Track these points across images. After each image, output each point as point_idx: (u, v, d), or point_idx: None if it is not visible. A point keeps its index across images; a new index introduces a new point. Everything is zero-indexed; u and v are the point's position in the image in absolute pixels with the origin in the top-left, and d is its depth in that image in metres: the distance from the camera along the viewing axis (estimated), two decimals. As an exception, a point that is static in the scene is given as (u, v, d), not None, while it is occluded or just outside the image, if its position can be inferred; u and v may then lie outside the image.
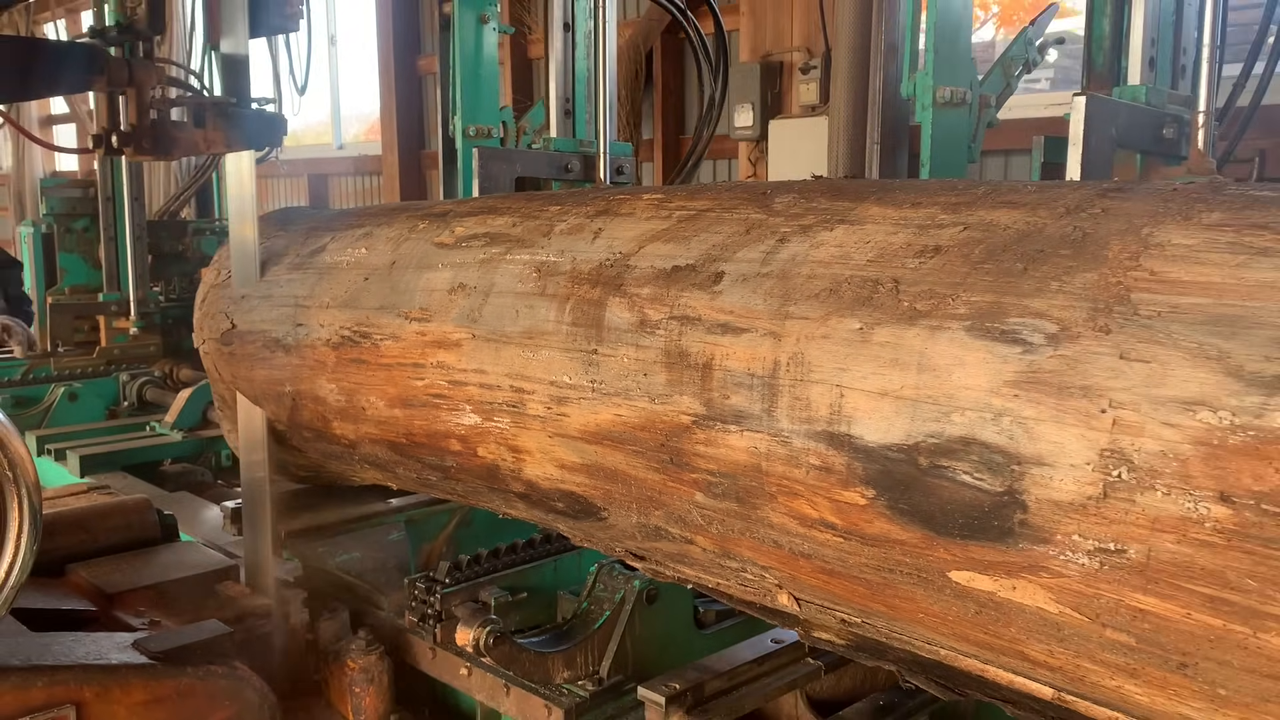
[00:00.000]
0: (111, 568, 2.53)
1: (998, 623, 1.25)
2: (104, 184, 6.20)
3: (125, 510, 2.78)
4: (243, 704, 2.07)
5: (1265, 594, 1.01)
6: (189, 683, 2.00)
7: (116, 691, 1.91)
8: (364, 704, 2.32)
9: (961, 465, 1.21)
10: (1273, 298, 1.06)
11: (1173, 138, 1.91)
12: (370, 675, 2.32)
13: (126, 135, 2.68)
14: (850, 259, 1.41)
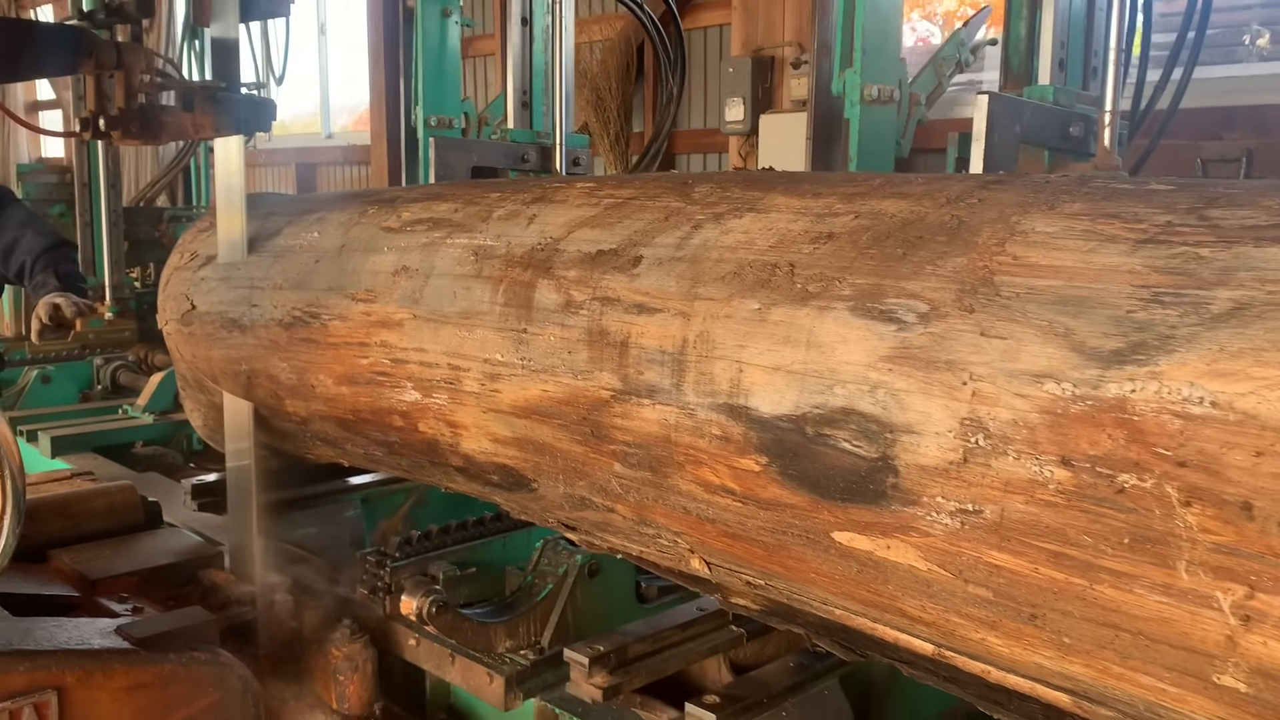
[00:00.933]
0: (94, 553, 2.53)
1: (877, 580, 1.35)
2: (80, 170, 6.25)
3: (109, 496, 2.79)
4: (226, 690, 2.06)
5: (1099, 549, 1.12)
6: (172, 669, 2.00)
7: (99, 677, 1.91)
8: (348, 692, 2.31)
9: (842, 434, 1.31)
10: (1115, 280, 1.17)
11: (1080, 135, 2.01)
12: (354, 663, 2.31)
13: (114, 119, 2.66)
14: (754, 244, 1.51)
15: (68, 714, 1.86)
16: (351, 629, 2.34)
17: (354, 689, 2.30)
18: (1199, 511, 1.04)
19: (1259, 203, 1.16)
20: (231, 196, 2.53)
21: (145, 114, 2.64)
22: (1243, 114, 5.18)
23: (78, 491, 2.78)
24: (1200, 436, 1.04)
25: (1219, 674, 1.07)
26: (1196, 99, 5.35)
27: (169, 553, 2.58)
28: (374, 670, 2.33)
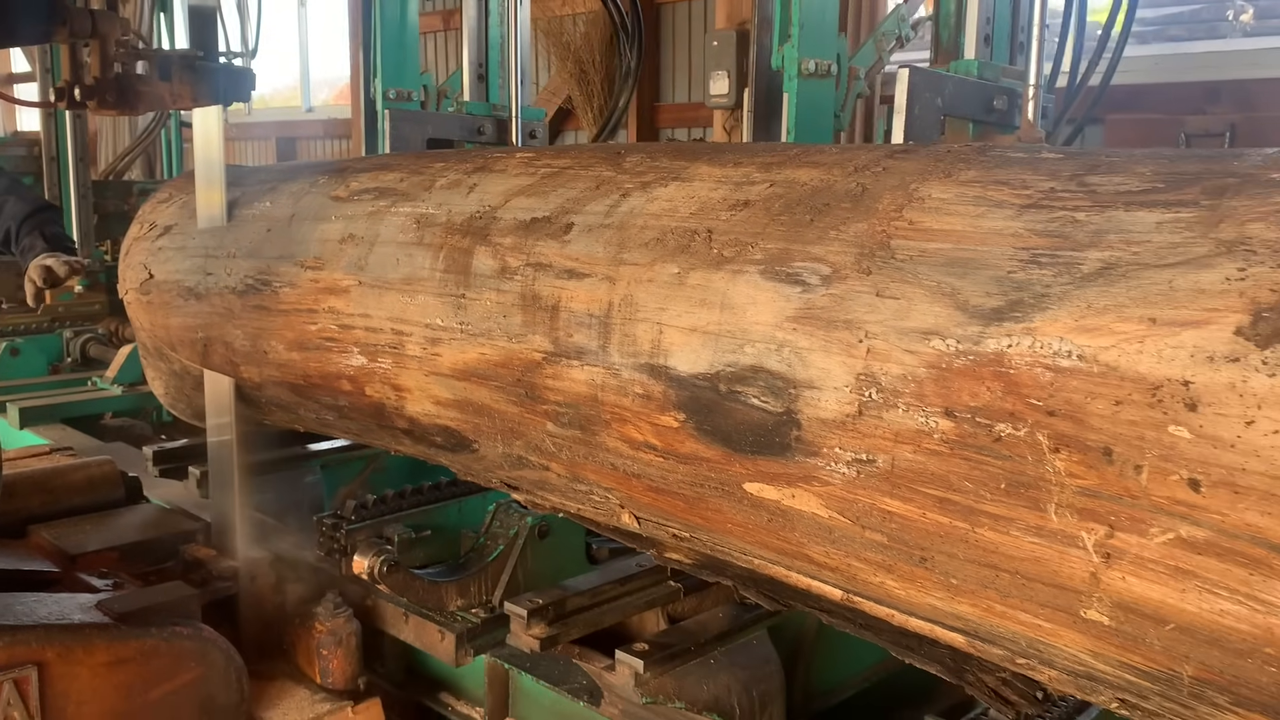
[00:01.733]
0: (74, 529, 2.52)
1: (785, 529, 1.43)
2: (48, 143, 6.26)
3: (89, 471, 2.79)
4: (208, 665, 2.06)
5: (979, 494, 1.20)
6: (153, 643, 1.99)
7: (79, 652, 1.90)
8: (331, 666, 2.29)
9: (751, 390, 1.39)
10: (999, 243, 1.24)
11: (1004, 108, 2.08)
12: (338, 638, 2.30)
13: (90, 89, 2.56)
14: (676, 212, 1.57)
15: (48, 689, 1.86)
16: (335, 603, 2.34)
17: (338, 663, 2.29)
18: (1066, 457, 1.12)
19: (1134, 169, 1.23)
20: (211, 167, 2.50)
21: (121, 84, 2.56)
22: (1227, 88, 5.23)
23: (57, 467, 2.80)
24: (1068, 388, 1.12)
25: (1085, 609, 1.15)
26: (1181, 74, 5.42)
27: (149, 527, 2.58)
28: (358, 644, 2.32)
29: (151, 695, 1.99)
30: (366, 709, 2.28)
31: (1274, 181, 1.11)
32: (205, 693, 2.06)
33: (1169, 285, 1.08)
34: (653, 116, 8.12)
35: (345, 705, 2.25)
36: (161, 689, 2.00)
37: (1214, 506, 1.02)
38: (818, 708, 2.09)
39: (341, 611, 2.31)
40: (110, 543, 2.44)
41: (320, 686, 2.29)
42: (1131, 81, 5.47)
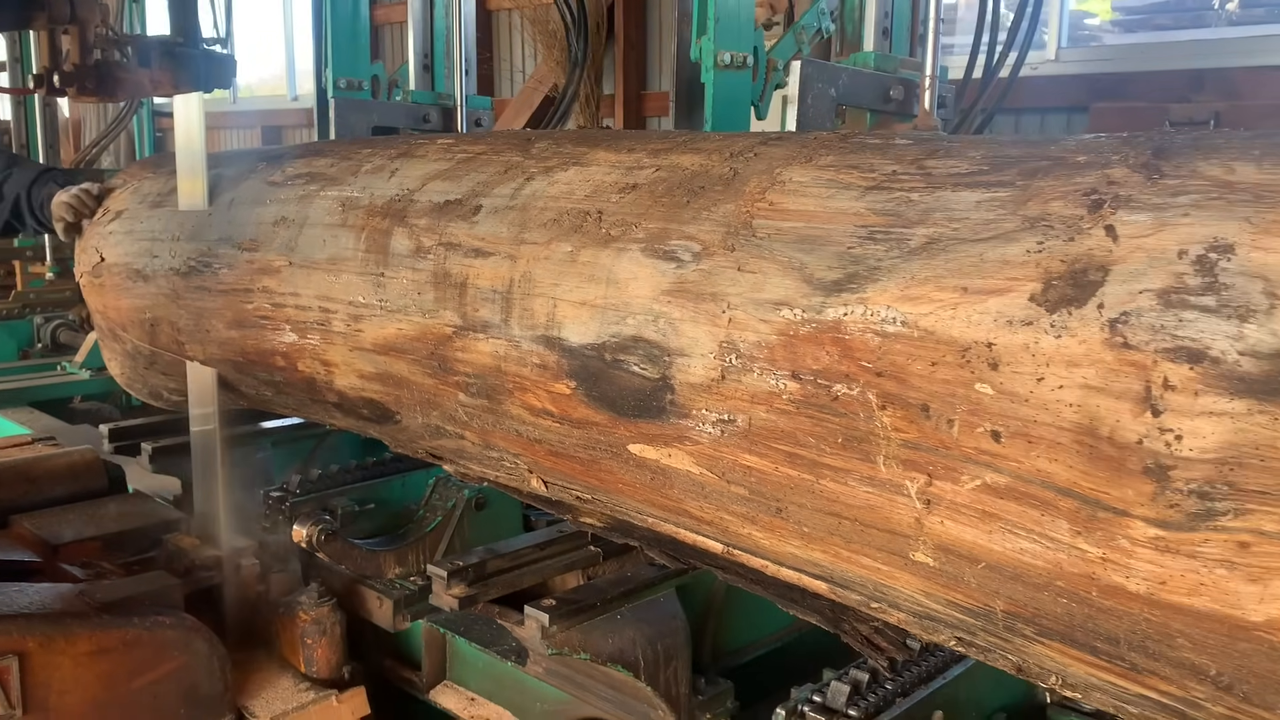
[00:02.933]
0: (57, 519, 2.51)
1: (665, 486, 1.55)
2: (18, 131, 6.32)
3: (71, 462, 2.77)
4: (192, 655, 2.05)
5: (821, 449, 1.32)
6: (136, 633, 1.98)
7: (61, 642, 1.89)
8: (316, 656, 2.29)
9: (632, 358, 1.51)
10: (843, 222, 1.36)
11: (901, 98, 2.19)
12: (323, 627, 2.29)
13: (69, 75, 2.52)
14: (573, 194, 1.69)
15: (29, 679, 1.86)
16: (319, 592, 2.33)
17: (322, 652, 2.29)
18: (891, 414, 1.24)
19: (967, 154, 1.35)
20: (192, 154, 2.47)
21: (101, 70, 2.52)
22: (1211, 76, 5.29)
23: (40, 456, 2.79)
24: (893, 351, 1.24)
25: (914, 552, 1.28)
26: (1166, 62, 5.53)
27: (132, 517, 2.56)
28: (343, 633, 2.31)
29: (134, 684, 2.00)
30: (351, 698, 2.29)
31: (1079, 164, 1.23)
32: (189, 682, 2.07)
33: (980, 257, 1.21)
34: (639, 105, 8.17)
35: (330, 694, 2.26)
36: (144, 678, 2.01)
37: (1012, 455, 1.14)
38: (728, 665, 2.21)
39: (325, 601, 2.31)
40: (92, 532, 2.44)
41: (304, 675, 2.29)
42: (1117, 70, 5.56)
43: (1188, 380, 1.02)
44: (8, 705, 1.85)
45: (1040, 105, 5.58)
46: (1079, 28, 6.07)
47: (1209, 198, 1.09)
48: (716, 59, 2.30)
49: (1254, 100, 5.12)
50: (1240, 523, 1.00)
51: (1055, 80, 5.66)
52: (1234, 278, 1.02)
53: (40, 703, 1.89)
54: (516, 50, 9.20)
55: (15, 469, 2.66)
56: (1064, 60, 5.75)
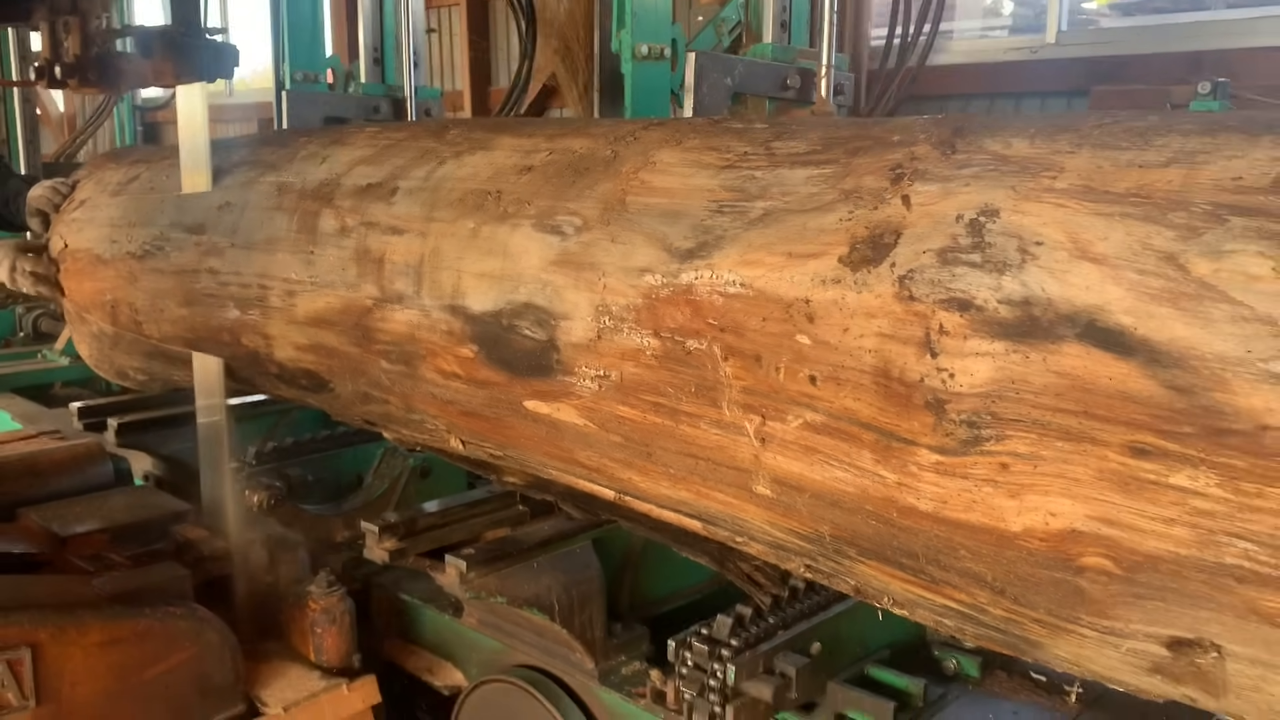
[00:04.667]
0: (64, 511, 2.51)
1: (558, 439, 1.72)
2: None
3: (76, 454, 2.80)
4: (203, 645, 2.06)
5: (678, 397, 1.49)
6: (147, 624, 1.99)
7: (73, 633, 1.90)
8: (325, 644, 2.28)
9: (524, 323, 1.67)
10: (700, 198, 1.53)
11: (798, 86, 2.36)
12: (332, 616, 2.28)
13: (70, 67, 2.47)
14: (478, 176, 1.85)
15: (42, 670, 1.88)
16: (329, 580, 2.33)
17: (332, 641, 2.28)
18: (733, 364, 1.41)
19: (807, 135, 1.52)
20: (196, 144, 2.43)
21: (102, 61, 2.48)
22: (1210, 58, 5.35)
23: (45, 449, 2.81)
24: (733, 309, 1.41)
25: (755, 485, 1.45)
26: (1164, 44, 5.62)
27: (139, 509, 2.58)
28: (352, 622, 2.31)
29: (146, 675, 2.02)
30: (362, 686, 2.30)
31: (893, 143, 1.40)
32: (200, 671, 2.09)
33: (804, 226, 1.38)
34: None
35: (340, 683, 2.26)
36: (156, 669, 2.03)
37: (825, 395, 1.32)
38: (648, 613, 2.38)
39: (335, 589, 2.31)
40: (100, 524, 2.45)
41: (315, 664, 2.30)
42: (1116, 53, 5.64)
43: (958, 326, 1.19)
44: (21, 696, 1.87)
45: (1040, 90, 5.63)
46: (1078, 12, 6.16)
47: (987, 169, 1.26)
48: (635, 51, 2.46)
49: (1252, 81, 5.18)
50: (1001, 447, 1.17)
51: (1055, 64, 5.67)
52: (997, 238, 1.19)
53: (53, 693, 1.91)
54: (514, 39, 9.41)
55: (21, 462, 2.68)
56: (1064, 44, 5.74)
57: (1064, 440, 1.12)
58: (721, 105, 2.22)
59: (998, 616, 1.28)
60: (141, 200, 2.64)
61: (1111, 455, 1.09)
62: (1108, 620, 1.15)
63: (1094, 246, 1.12)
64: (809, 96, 2.34)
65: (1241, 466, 1.01)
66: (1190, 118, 1.20)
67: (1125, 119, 1.24)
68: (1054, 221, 1.16)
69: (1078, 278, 1.12)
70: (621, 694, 2.14)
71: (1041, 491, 1.14)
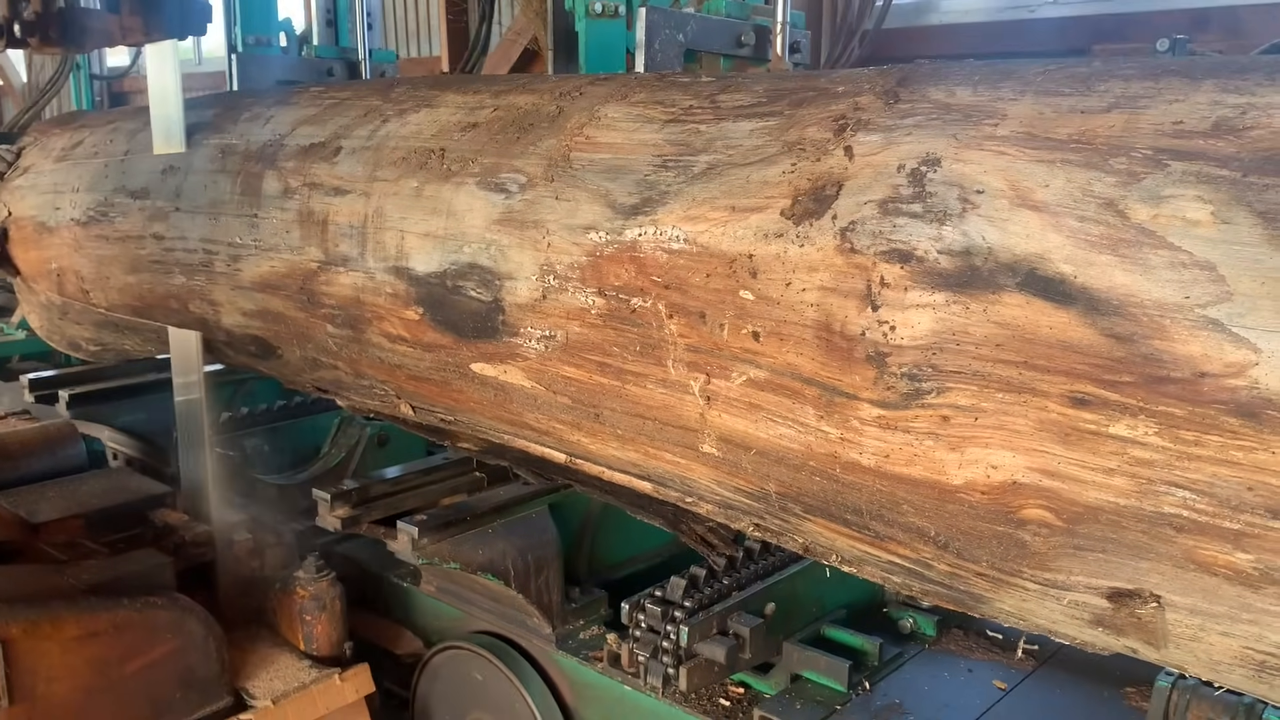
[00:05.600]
0: (37, 496, 2.43)
1: (506, 402, 1.69)
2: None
3: (48, 435, 2.70)
4: (185, 636, 1.96)
5: (624, 357, 1.46)
6: (126, 615, 1.89)
7: (46, 627, 1.80)
8: (315, 632, 2.20)
9: (469, 284, 1.64)
10: (643, 151, 1.49)
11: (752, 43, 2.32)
12: (322, 602, 2.19)
13: (30, 24, 2.30)
14: (422, 134, 1.81)
15: (15, 668, 1.78)
16: (317, 566, 2.24)
17: (322, 629, 2.19)
18: (677, 322, 1.38)
19: (753, 88, 1.49)
20: (168, 105, 2.30)
21: (65, 18, 2.33)
22: (1217, 14, 5.27)
23: (15, 431, 2.70)
24: (677, 265, 1.38)
25: (702, 444, 1.43)
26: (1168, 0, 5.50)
27: (115, 492, 2.48)
28: (343, 608, 2.22)
29: (127, 669, 1.93)
30: (354, 675, 2.21)
31: (838, 94, 1.37)
32: (184, 664, 2.00)
33: (747, 179, 1.35)
34: None
35: (332, 673, 2.18)
36: (137, 662, 1.94)
37: (768, 351, 1.29)
38: (607, 578, 2.37)
39: (324, 575, 2.23)
40: (74, 510, 2.36)
41: (304, 653, 2.22)
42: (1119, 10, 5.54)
43: (899, 278, 1.17)
44: None
45: (1039, 51, 5.48)
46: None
47: (930, 118, 1.24)
48: (589, 8, 2.41)
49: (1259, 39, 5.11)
50: (942, 399, 1.15)
51: (1056, 23, 5.54)
52: (938, 187, 1.17)
53: (28, 691, 1.81)
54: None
55: None
56: (1063, 2, 5.64)
57: (1004, 392, 1.11)
58: (674, 62, 2.18)
59: (942, 571, 1.27)
60: (85, 165, 2.58)
61: (1052, 406, 1.08)
62: (1049, 573, 1.14)
63: (1034, 194, 1.10)
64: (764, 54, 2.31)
65: (1180, 415, 1.00)
66: (1133, 63, 1.17)
67: (1069, 65, 1.22)
68: (995, 169, 1.13)
69: (1018, 226, 1.10)
70: (579, 658, 2.13)
71: (982, 444, 1.13)
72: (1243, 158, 1.00)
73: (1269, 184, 0.97)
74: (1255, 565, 0.98)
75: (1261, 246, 0.96)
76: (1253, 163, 0.99)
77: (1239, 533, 0.98)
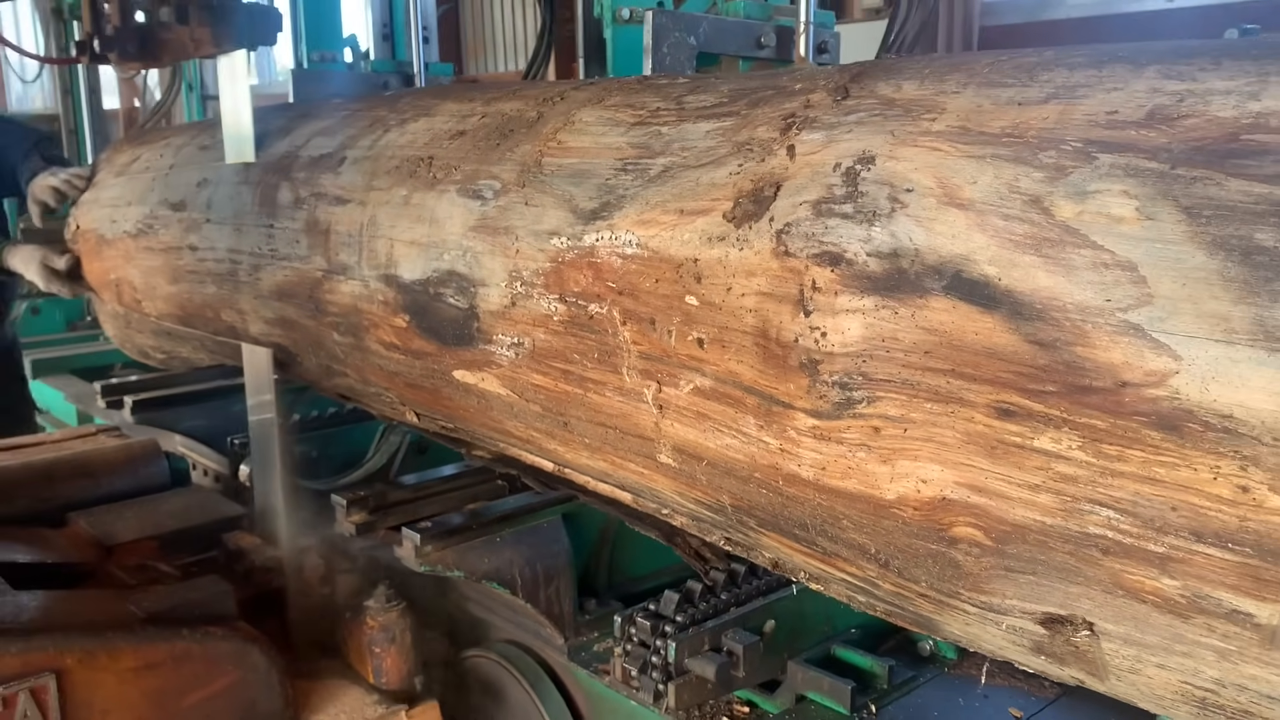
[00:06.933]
0: (114, 516, 2.39)
1: (489, 409, 1.68)
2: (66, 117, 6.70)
3: (131, 454, 2.69)
4: (248, 668, 1.89)
5: (585, 364, 1.44)
6: (185, 646, 1.82)
7: (103, 657, 1.73)
8: (385, 665, 2.10)
9: (448, 291, 1.64)
10: (607, 155, 1.47)
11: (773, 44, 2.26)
12: (391, 634, 2.09)
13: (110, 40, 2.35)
14: (416, 143, 1.82)
15: (69, 699, 1.70)
16: (388, 595, 2.12)
17: (391, 661, 2.09)
18: (630, 328, 1.35)
19: (719, 88, 1.45)
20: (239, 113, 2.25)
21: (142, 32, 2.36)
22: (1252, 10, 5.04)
23: (99, 449, 2.69)
24: (630, 271, 1.35)
25: (659, 454, 1.39)
26: None
27: (192, 514, 2.45)
28: (414, 640, 2.11)
29: (185, 702, 1.85)
30: (423, 713, 2.10)
31: (792, 91, 1.32)
32: (245, 697, 1.91)
33: (696, 182, 1.31)
34: None
35: (400, 709, 2.08)
36: (196, 695, 1.86)
37: (712, 359, 1.25)
38: (627, 590, 2.34)
39: (395, 605, 2.11)
40: (150, 531, 2.31)
41: (373, 687, 2.11)
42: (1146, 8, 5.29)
43: (830, 282, 1.12)
44: None
45: None
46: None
47: (872, 115, 1.18)
48: (616, 15, 2.40)
49: None
50: (872, 409, 1.09)
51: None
52: (870, 186, 1.11)
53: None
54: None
55: (74, 463, 2.57)
56: None
57: (932, 401, 1.04)
58: (685, 65, 2.15)
59: (889, 591, 1.20)
60: (138, 180, 2.68)
61: (978, 417, 1.01)
62: (984, 595, 1.07)
63: (962, 191, 1.03)
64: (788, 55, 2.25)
65: (1102, 427, 0.92)
66: (1085, 50, 1.10)
67: (1020, 54, 1.15)
68: (925, 166, 1.07)
69: (944, 226, 1.03)
70: (589, 670, 2.10)
71: (912, 457, 1.07)
72: (1173, 148, 0.92)
73: (1196, 176, 0.89)
74: (1182, 593, 0.90)
75: (1184, 244, 0.88)
76: (1182, 154, 0.91)
77: (1164, 556, 0.90)
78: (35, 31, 12.09)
